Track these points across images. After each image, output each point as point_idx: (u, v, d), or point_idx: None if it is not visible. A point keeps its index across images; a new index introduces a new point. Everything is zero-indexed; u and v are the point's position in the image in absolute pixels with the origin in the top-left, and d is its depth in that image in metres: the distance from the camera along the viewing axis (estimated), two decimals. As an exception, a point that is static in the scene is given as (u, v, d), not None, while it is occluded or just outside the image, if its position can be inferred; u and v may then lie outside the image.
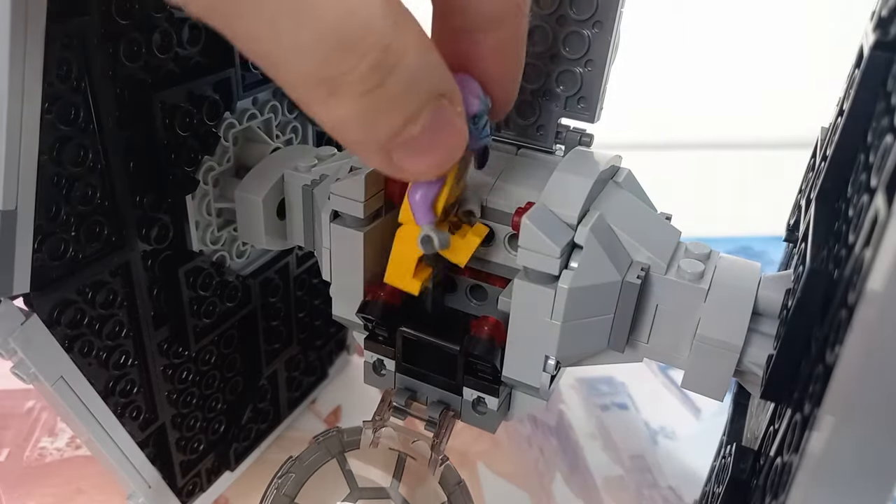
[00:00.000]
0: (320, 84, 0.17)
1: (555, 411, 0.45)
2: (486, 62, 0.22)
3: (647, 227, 0.24)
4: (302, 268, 0.38)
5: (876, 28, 0.20)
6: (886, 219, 0.14)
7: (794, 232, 0.27)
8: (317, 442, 0.27)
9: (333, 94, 0.17)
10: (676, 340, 0.24)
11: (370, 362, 0.28)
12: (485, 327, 0.25)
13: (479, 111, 0.22)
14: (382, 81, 0.17)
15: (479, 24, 0.21)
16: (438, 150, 0.20)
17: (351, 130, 0.18)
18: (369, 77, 0.17)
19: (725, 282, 0.23)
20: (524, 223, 0.22)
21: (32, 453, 0.40)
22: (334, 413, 0.44)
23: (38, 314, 0.25)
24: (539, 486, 0.40)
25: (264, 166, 0.30)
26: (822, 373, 0.16)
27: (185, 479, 0.34)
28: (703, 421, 0.45)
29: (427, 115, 0.19)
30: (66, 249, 0.25)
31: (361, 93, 0.17)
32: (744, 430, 0.28)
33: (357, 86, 0.17)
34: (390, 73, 0.17)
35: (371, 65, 0.17)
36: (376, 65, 0.17)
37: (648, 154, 0.66)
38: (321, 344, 0.43)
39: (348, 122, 0.18)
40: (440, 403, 0.27)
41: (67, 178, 0.24)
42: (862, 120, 0.20)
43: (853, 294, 0.15)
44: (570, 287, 0.22)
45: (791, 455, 0.17)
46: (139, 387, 0.30)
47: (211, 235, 0.31)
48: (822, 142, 0.26)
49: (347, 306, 0.27)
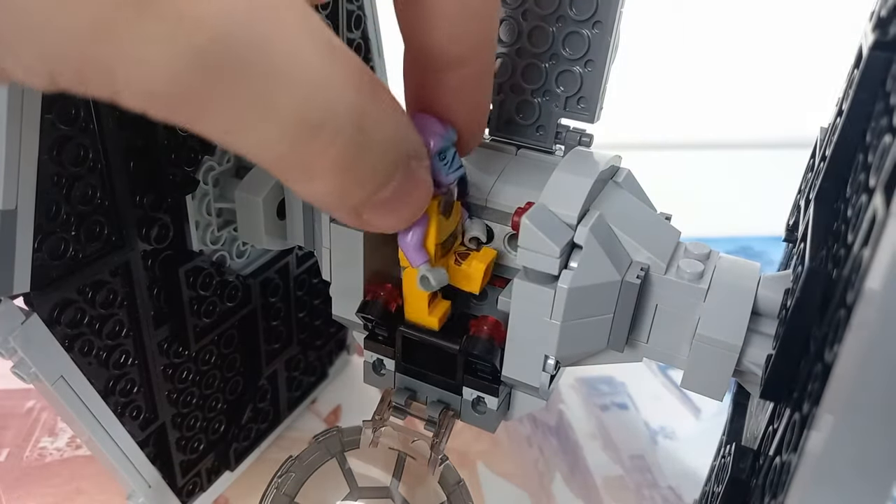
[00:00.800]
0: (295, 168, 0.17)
1: (555, 411, 0.45)
2: (449, 99, 0.22)
3: (647, 227, 0.24)
4: (302, 268, 0.38)
5: (875, 28, 0.20)
6: (885, 218, 0.14)
7: (793, 232, 0.27)
8: (316, 441, 0.27)
9: (309, 176, 0.17)
10: (676, 340, 0.24)
11: (370, 362, 0.28)
12: (484, 327, 0.25)
13: (443, 147, 0.22)
14: (355, 160, 0.17)
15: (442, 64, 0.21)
16: (406, 208, 0.20)
17: (326, 203, 0.19)
18: (342, 157, 0.17)
19: (725, 282, 0.23)
20: (524, 223, 0.22)
21: (32, 453, 0.40)
22: (334, 413, 0.44)
23: (38, 314, 0.25)
24: (539, 485, 0.40)
25: (264, 166, 0.30)
26: (821, 372, 0.16)
27: (185, 478, 0.34)
28: (703, 421, 0.45)
29: (398, 179, 0.19)
30: (66, 249, 0.25)
31: (335, 173, 0.17)
32: (743, 430, 0.28)
33: (331, 168, 0.17)
34: (362, 150, 0.17)
35: (342, 146, 0.17)
36: (347, 144, 0.17)
37: (648, 154, 0.66)
38: (321, 344, 0.43)
39: (324, 196, 0.18)
40: (440, 403, 0.27)
41: (68, 178, 0.24)
42: (861, 120, 0.20)
43: (852, 293, 0.15)
44: (569, 287, 0.22)
45: (790, 454, 0.17)
46: (139, 386, 0.30)
47: (211, 235, 0.31)
48: (821, 142, 0.26)
49: (347, 306, 0.27)
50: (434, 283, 0.24)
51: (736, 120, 0.83)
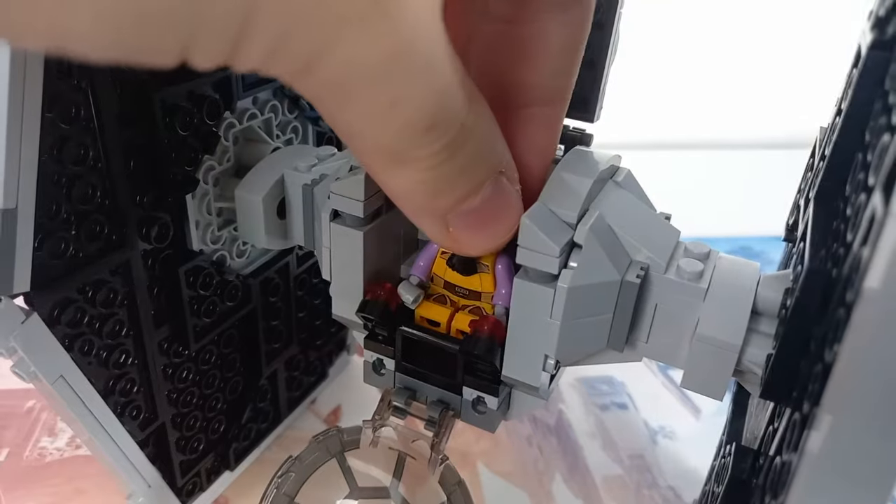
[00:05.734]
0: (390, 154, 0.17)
1: (554, 411, 0.45)
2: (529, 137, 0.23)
3: (647, 227, 0.24)
4: (302, 267, 0.38)
5: (873, 28, 0.20)
6: (884, 217, 0.14)
7: (792, 231, 0.27)
8: (316, 441, 0.27)
9: (401, 164, 0.18)
10: (676, 340, 0.24)
11: (370, 362, 0.28)
12: (484, 326, 0.25)
13: None
14: (451, 156, 0.18)
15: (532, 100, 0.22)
16: (495, 226, 0.20)
17: (414, 199, 0.19)
18: (440, 153, 0.17)
19: (725, 281, 0.23)
20: (524, 222, 0.22)
21: (32, 453, 0.40)
22: (334, 413, 0.44)
23: (38, 313, 0.25)
24: (538, 485, 0.40)
25: (264, 166, 0.30)
26: (821, 371, 0.16)
27: (184, 478, 0.34)
28: (703, 421, 0.45)
29: (488, 189, 0.19)
30: (66, 248, 0.25)
31: (429, 166, 0.18)
32: (743, 430, 0.28)
33: (426, 160, 0.17)
34: (460, 148, 0.18)
35: (445, 143, 0.17)
36: (450, 142, 0.17)
37: (648, 154, 0.67)
38: (321, 344, 0.43)
39: (413, 190, 0.18)
40: (440, 403, 0.27)
41: (68, 177, 0.24)
42: (860, 119, 0.20)
43: (851, 292, 0.15)
44: (569, 286, 0.22)
45: (790, 454, 0.17)
46: (139, 386, 0.30)
47: (211, 235, 0.31)
48: (820, 141, 0.26)
49: (347, 306, 0.27)
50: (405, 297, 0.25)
51: (735, 120, 0.83)
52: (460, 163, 0.18)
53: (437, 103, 0.17)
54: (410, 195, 0.19)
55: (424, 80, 0.16)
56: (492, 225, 0.20)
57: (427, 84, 0.16)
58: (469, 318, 0.25)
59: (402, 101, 0.16)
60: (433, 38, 0.16)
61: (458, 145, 0.18)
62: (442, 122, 0.17)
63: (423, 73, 0.16)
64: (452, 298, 0.26)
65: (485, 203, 0.19)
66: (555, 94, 0.22)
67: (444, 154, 0.17)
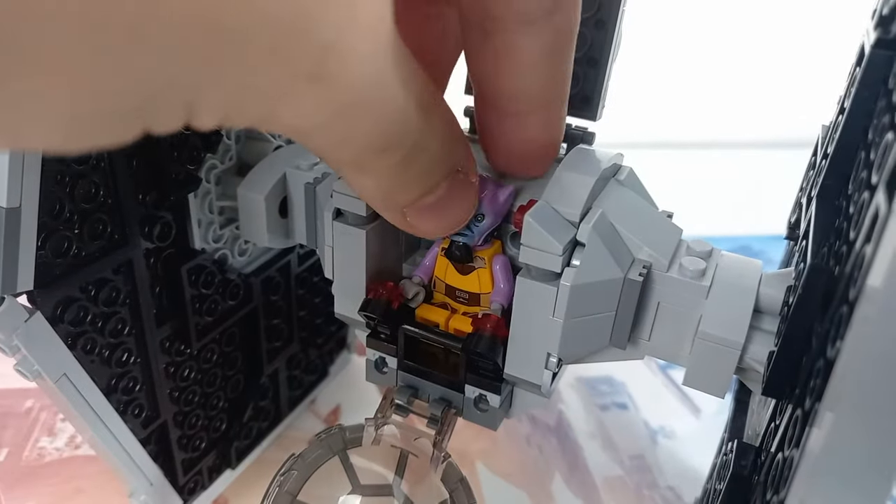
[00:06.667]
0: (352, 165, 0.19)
1: (554, 411, 0.45)
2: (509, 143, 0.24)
3: (649, 225, 0.24)
4: (303, 266, 0.38)
5: (877, 26, 0.20)
6: (887, 215, 0.14)
7: (795, 230, 0.27)
8: (319, 439, 0.27)
9: (363, 172, 0.19)
10: (678, 338, 0.24)
11: (372, 360, 0.28)
12: (487, 324, 0.25)
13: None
14: (407, 167, 0.19)
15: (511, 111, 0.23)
16: (448, 216, 0.22)
17: (375, 198, 0.21)
18: (396, 166, 0.19)
19: (727, 279, 0.23)
20: (527, 221, 0.22)
21: (31, 453, 0.40)
22: (334, 412, 0.44)
23: (41, 311, 0.25)
24: (538, 485, 0.40)
25: (266, 164, 0.30)
26: (823, 368, 0.16)
27: (186, 476, 0.34)
28: (703, 420, 0.45)
29: (443, 187, 0.21)
30: (69, 247, 0.25)
31: (388, 175, 0.19)
32: (745, 427, 0.28)
33: (384, 171, 0.19)
34: (414, 160, 0.19)
35: (399, 159, 0.19)
36: (404, 157, 0.19)
37: (650, 152, 0.66)
38: (322, 342, 0.43)
39: (375, 191, 0.20)
40: (442, 401, 0.27)
41: (71, 176, 0.24)
42: (862, 118, 0.20)
43: (854, 290, 0.15)
44: (572, 284, 0.22)
45: (792, 450, 0.17)
46: (141, 384, 0.30)
47: (213, 233, 0.31)
48: (822, 140, 0.26)
49: (350, 304, 0.28)
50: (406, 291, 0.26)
51: (737, 119, 0.83)
52: (415, 171, 0.19)
53: (387, 130, 0.18)
54: (372, 195, 0.21)
55: (374, 117, 0.17)
56: (445, 217, 0.22)
57: (377, 119, 0.17)
58: (468, 320, 0.25)
59: (353, 138, 0.17)
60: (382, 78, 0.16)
61: (413, 158, 0.19)
62: (395, 144, 0.18)
63: (372, 111, 0.17)
64: (453, 306, 0.26)
65: (439, 199, 0.21)
66: (542, 101, 0.22)
67: (400, 167, 0.19)
